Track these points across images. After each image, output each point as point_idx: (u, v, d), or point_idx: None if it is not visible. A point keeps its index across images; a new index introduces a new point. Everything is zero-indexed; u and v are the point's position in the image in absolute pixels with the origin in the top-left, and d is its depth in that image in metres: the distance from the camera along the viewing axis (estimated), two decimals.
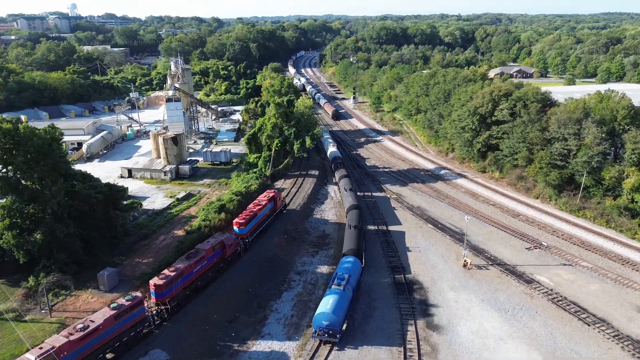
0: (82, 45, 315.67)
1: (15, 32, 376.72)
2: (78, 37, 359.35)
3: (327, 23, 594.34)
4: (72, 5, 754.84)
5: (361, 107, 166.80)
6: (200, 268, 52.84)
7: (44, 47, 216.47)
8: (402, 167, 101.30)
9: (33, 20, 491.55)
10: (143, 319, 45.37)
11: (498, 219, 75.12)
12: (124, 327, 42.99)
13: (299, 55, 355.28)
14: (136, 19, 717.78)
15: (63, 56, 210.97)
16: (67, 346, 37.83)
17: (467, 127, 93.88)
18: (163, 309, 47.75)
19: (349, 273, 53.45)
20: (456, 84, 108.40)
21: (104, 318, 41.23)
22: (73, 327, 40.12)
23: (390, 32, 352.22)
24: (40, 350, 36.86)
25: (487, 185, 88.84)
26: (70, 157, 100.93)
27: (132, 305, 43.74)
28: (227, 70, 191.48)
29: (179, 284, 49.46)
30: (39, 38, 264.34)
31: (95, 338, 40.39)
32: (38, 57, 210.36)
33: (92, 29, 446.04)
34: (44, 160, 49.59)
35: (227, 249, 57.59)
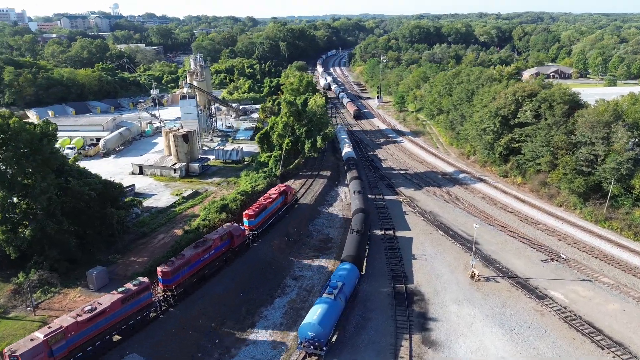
0: (119, 43, 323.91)
1: (57, 31, 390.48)
2: (115, 35, 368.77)
3: (361, 22, 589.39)
4: (115, 5, 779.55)
5: (385, 106, 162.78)
6: (208, 257, 53.43)
7: (78, 45, 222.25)
8: (419, 170, 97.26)
9: (75, 19, 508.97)
10: (150, 304, 46.18)
11: (515, 227, 70.43)
12: (130, 311, 43.96)
13: (329, 55, 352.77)
14: (175, 19, 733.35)
15: (96, 53, 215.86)
16: (74, 326, 39.10)
17: (488, 129, 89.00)
18: (169, 295, 48.39)
19: (342, 281, 50.57)
20: (480, 84, 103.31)
21: (111, 301, 42.36)
22: (81, 309, 41.29)
23: (423, 31, 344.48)
24: (48, 330, 38.14)
25: (507, 190, 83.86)
26: (87, 153, 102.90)
27: (139, 290, 44.65)
28: (252, 69, 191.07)
29: (186, 272, 50.08)
30: (75, 36, 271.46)
31: (102, 320, 41.49)
32: (72, 54, 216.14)
33: (131, 28, 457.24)
34: (34, 155, 48.98)
35: (235, 239, 57.83)
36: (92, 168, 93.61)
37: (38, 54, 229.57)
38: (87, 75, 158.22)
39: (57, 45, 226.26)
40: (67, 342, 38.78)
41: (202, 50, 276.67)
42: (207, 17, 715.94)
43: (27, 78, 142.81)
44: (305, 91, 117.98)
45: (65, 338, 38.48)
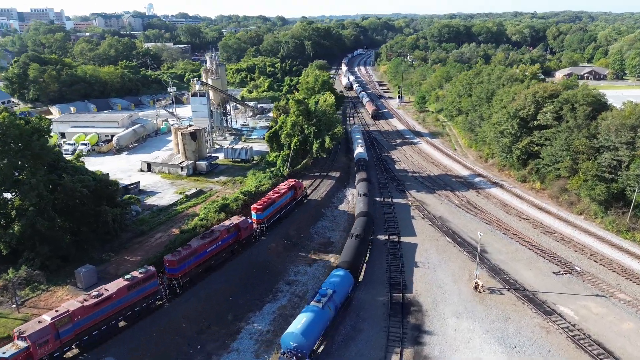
0: (149, 42, 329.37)
1: (90, 30, 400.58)
2: (146, 34, 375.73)
3: (390, 21, 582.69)
4: (149, 5, 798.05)
5: (406, 107, 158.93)
6: (214, 248, 54.30)
7: (105, 43, 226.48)
8: (433, 173, 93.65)
9: (110, 19, 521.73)
10: (155, 291, 47.07)
11: (528, 235, 66.35)
12: (136, 298, 44.97)
13: (355, 54, 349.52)
14: (206, 18, 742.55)
15: (123, 52, 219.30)
16: (80, 310, 40.29)
17: (506, 131, 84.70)
18: (175, 284, 49.32)
19: (333, 289, 48.12)
20: (500, 84, 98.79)
21: (117, 288, 43.43)
22: (88, 294, 42.47)
23: (452, 30, 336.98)
24: (56, 313, 39.44)
25: (524, 196, 79.51)
26: (100, 149, 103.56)
27: (145, 278, 45.60)
28: (274, 67, 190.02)
29: (192, 262, 51.03)
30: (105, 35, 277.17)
31: (108, 306, 42.55)
32: (100, 52, 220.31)
33: (162, 27, 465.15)
34: (23, 151, 48.52)
35: (242, 232, 58.47)
36: (103, 164, 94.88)
37: (68, 52, 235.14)
38: (109, 72, 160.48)
39: (86, 43, 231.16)
40: (74, 326, 40.03)
41: (228, 49, 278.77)
42: (238, 16, 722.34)
43: (51, 75, 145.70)
44: (321, 90, 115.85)
45: (72, 321, 39.74)
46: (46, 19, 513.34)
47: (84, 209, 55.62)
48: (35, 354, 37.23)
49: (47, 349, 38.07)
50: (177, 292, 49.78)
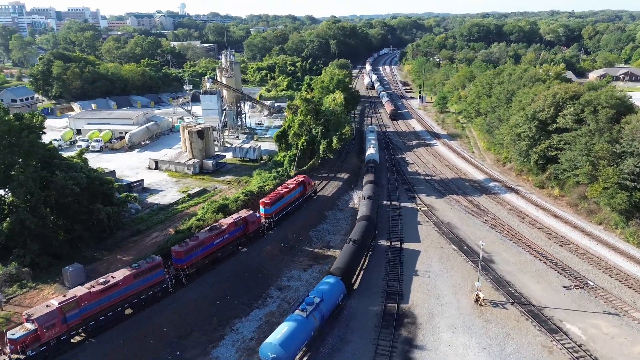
0: (178, 40, 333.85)
1: (122, 29, 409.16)
2: (175, 33, 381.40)
3: (420, 20, 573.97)
4: (182, 5, 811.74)
5: (427, 107, 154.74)
6: (221, 241, 55.09)
7: (132, 42, 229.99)
8: (447, 176, 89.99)
9: (142, 18, 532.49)
10: (161, 281, 48.15)
11: (540, 245, 62.36)
12: (142, 287, 46.06)
13: (381, 53, 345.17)
14: (237, 18, 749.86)
15: (148, 50, 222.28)
16: (87, 296, 41.48)
17: (523, 134, 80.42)
18: (182, 275, 50.41)
19: (321, 297, 45.83)
20: (521, 84, 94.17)
21: (124, 276, 44.61)
22: (95, 281, 43.77)
23: (482, 29, 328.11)
24: (63, 298, 40.76)
25: (540, 203, 75.19)
26: (112, 146, 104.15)
27: (151, 267, 46.68)
28: (294, 66, 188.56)
29: (199, 253, 51.86)
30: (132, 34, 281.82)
31: (115, 293, 43.67)
32: (126, 50, 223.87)
33: (192, 26, 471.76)
34: (12, 147, 48.17)
35: (250, 225, 59.11)
36: (113, 161, 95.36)
37: (97, 50, 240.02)
38: (131, 70, 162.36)
39: (114, 41, 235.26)
40: (81, 311, 41.17)
41: (253, 47, 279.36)
42: (268, 16, 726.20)
43: (74, 72, 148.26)
44: (335, 89, 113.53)
45: (79, 307, 40.92)
46: (82, 18, 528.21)
47: (76, 207, 55.06)
48: (43, 337, 38.44)
49: (54, 332, 39.25)
50: (183, 283, 50.71)
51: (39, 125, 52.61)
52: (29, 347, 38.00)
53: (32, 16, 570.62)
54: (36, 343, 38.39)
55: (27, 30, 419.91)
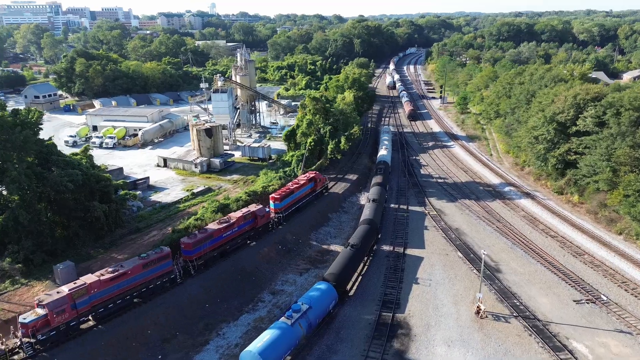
0: (204, 39, 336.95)
1: (152, 28, 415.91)
2: (202, 32, 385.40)
3: (450, 19, 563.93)
4: (212, 5, 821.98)
5: (448, 107, 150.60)
6: (230, 234, 55.89)
7: (157, 41, 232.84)
8: (461, 179, 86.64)
9: (172, 18, 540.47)
10: (169, 271, 49.17)
11: (552, 255, 58.76)
12: (150, 276, 47.23)
13: (407, 52, 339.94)
14: (265, 17, 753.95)
15: (172, 48, 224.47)
16: (97, 284, 42.65)
17: (541, 137, 76.49)
18: (190, 266, 51.41)
19: (309, 304, 43.92)
20: (542, 84, 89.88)
21: (133, 265, 45.76)
22: (105, 270, 44.87)
23: (513, 28, 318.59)
24: (74, 285, 42.00)
25: (557, 210, 71.22)
26: (125, 143, 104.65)
27: (160, 257, 47.78)
28: (314, 65, 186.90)
29: (207, 245, 52.64)
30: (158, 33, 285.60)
31: (124, 282, 44.81)
32: (151, 49, 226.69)
33: (220, 25, 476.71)
34: (4, 143, 47.98)
35: (259, 219, 59.86)
36: (124, 158, 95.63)
37: (123, 48, 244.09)
38: (151, 68, 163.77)
39: (140, 40, 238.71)
40: (90, 298, 42.27)
41: (277, 46, 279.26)
42: (296, 15, 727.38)
43: (96, 69, 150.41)
44: (350, 88, 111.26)
45: (88, 294, 42.06)
46: (115, 17, 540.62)
47: (72, 204, 54.72)
48: (52, 321, 39.61)
49: (63, 317, 40.38)
50: (192, 274, 51.49)
51: (35, 122, 52.30)
52: (40, 331, 39.20)
53: (68, 15, 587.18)
54: (46, 328, 39.58)
55: (61, 29, 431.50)
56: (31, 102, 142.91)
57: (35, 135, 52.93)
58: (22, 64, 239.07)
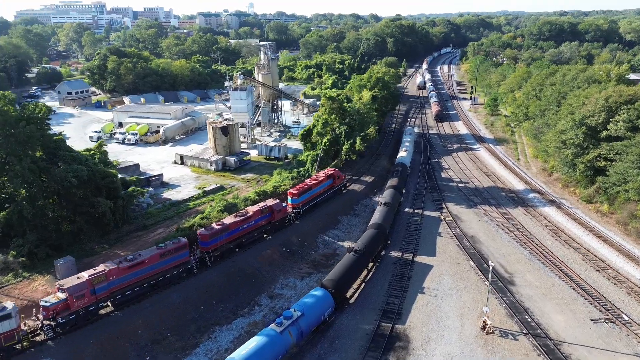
0: (239, 38, 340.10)
1: (189, 28, 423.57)
2: (237, 31, 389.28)
3: (489, 18, 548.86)
4: (250, 4, 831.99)
5: (478, 109, 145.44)
6: (247, 227, 56.97)
7: (190, 39, 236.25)
8: (483, 184, 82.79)
9: (210, 17, 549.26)
10: (186, 261, 50.51)
11: (574, 268, 54.78)
12: (167, 266, 48.75)
13: (442, 52, 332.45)
14: (302, 17, 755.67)
15: (205, 47, 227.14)
16: (115, 271, 44.52)
17: (569, 141, 71.93)
18: (206, 257, 52.80)
19: (302, 311, 42.14)
20: (575, 86, 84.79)
21: (151, 254, 47.44)
22: (125, 258, 46.80)
23: (554, 28, 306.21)
24: (93, 271, 43.93)
25: (583, 220, 66.71)
26: (147, 139, 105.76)
27: (177, 248, 49.23)
28: (343, 64, 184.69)
29: (223, 237, 53.80)
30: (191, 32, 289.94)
31: (141, 270, 46.53)
32: (184, 47, 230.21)
33: (256, 25, 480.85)
34: (8, 138, 48.47)
35: (275, 214, 60.70)
36: (144, 154, 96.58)
37: (158, 47, 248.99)
38: (180, 66, 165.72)
39: (174, 38, 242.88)
40: (109, 284, 44.00)
41: (309, 45, 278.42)
42: (333, 15, 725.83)
43: (127, 67, 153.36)
44: (373, 87, 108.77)
45: (107, 280, 43.77)
46: (156, 16, 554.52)
47: (77, 199, 54.96)
48: (72, 305, 41.40)
49: (83, 302, 42.15)
50: (208, 265, 52.80)
51: (42, 117, 52.69)
52: (60, 314, 40.96)
53: (111, 15, 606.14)
54: (66, 311, 41.34)
55: (104, 28, 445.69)
56: (64, 98, 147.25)
57: (43, 130, 53.32)
58: (62, 61, 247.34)
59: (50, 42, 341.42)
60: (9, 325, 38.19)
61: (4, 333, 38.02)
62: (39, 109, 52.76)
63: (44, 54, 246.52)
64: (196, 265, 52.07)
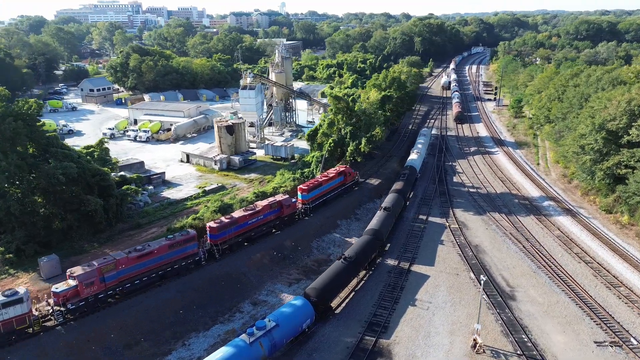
0: (267, 37, 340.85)
1: (219, 27, 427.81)
2: (266, 31, 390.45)
3: (525, 17, 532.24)
4: (282, 4, 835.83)
5: (502, 110, 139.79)
6: (256, 221, 57.20)
7: (215, 38, 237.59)
8: (496, 190, 78.65)
9: (240, 17, 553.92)
10: (194, 253, 51.06)
11: (582, 284, 50.68)
12: (175, 257, 49.40)
13: (473, 52, 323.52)
14: (334, 16, 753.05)
15: (229, 46, 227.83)
16: (125, 260, 45.51)
17: (588, 147, 67.19)
18: (214, 250, 53.15)
19: (277, 321, 39.99)
20: (599, 87, 79.50)
21: (159, 245, 48.33)
22: (134, 248, 47.54)
23: (592, 27, 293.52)
24: (104, 260, 45.14)
25: (599, 231, 62.03)
26: (158, 137, 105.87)
27: (185, 239, 49.89)
28: (364, 63, 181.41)
29: (232, 231, 54.27)
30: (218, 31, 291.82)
31: (150, 260, 47.31)
32: (210, 46, 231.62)
33: (286, 24, 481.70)
34: None
35: (285, 209, 60.84)
36: (153, 152, 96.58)
37: (184, 45, 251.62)
38: (201, 64, 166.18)
39: (200, 37, 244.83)
40: (118, 273, 45.04)
41: (335, 44, 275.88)
42: (364, 14, 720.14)
43: (148, 65, 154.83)
44: (388, 87, 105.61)
45: (116, 269, 44.87)
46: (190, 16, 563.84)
47: (66, 197, 54.46)
48: (82, 292, 42.56)
49: (92, 289, 43.24)
50: (216, 258, 53.16)
51: (31, 113, 52.36)
52: (70, 300, 42.13)
53: (146, 14, 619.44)
54: (76, 298, 42.53)
55: (137, 27, 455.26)
56: (86, 95, 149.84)
57: (32, 126, 52.99)
58: (90, 59, 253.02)
59: (84, 41, 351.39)
60: (20, 309, 39.55)
61: (15, 317, 39.37)
62: (28, 105, 52.44)
63: (75, 52, 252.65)
64: (204, 258, 52.53)
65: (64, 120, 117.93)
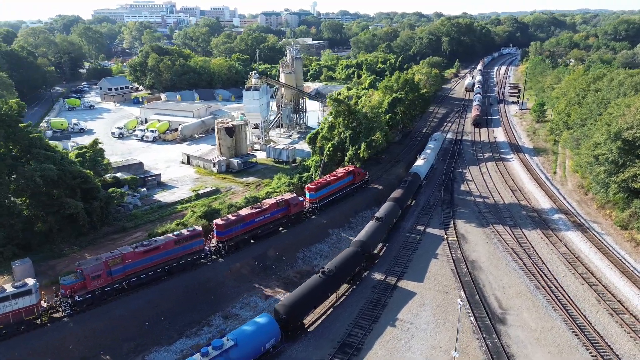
0: (295, 37, 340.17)
1: (248, 27, 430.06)
2: (293, 30, 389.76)
3: (563, 16, 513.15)
4: (314, 3, 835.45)
5: (525, 114, 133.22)
6: (262, 219, 57.51)
7: (238, 38, 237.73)
8: (504, 200, 74.02)
9: (270, 16, 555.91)
10: (200, 249, 51.92)
11: (582, 308, 46.24)
12: (181, 253, 50.14)
13: (504, 52, 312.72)
14: (365, 16, 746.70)
15: (252, 45, 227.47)
16: (131, 255, 46.55)
17: (602, 157, 62.00)
18: (220, 247, 53.87)
19: (235, 340, 37.58)
20: (621, 92, 73.70)
21: (166, 241, 49.06)
22: (140, 243, 48.61)
23: (632, 27, 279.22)
24: (111, 254, 46.31)
25: (610, 249, 56.96)
26: (165, 137, 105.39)
27: (191, 236, 50.64)
28: (384, 64, 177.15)
29: (238, 228, 54.62)
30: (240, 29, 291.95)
31: (156, 255, 48.21)
32: (232, 45, 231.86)
33: (315, 23, 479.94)
34: None
35: (292, 207, 60.87)
36: (158, 152, 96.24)
37: (209, 45, 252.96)
38: (218, 64, 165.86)
39: (224, 37, 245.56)
40: (124, 267, 46.09)
41: (360, 44, 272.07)
42: (396, 13, 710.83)
43: (166, 64, 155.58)
44: (400, 89, 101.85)
45: (123, 263, 45.90)
46: (221, 15, 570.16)
47: (45, 199, 53.67)
48: (89, 285, 43.83)
49: (99, 282, 44.44)
50: (222, 254, 53.88)
51: (10, 114, 51.72)
52: (77, 292, 43.37)
53: (179, 14, 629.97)
54: (83, 290, 43.70)
55: (168, 27, 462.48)
56: (104, 93, 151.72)
57: (12, 127, 52.38)
58: (116, 57, 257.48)
59: (116, 40, 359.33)
60: (29, 300, 40.70)
61: (24, 308, 40.49)
62: (7, 106, 51.82)
63: (103, 51, 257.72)
64: (210, 254, 53.34)
65: (76, 118, 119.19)
